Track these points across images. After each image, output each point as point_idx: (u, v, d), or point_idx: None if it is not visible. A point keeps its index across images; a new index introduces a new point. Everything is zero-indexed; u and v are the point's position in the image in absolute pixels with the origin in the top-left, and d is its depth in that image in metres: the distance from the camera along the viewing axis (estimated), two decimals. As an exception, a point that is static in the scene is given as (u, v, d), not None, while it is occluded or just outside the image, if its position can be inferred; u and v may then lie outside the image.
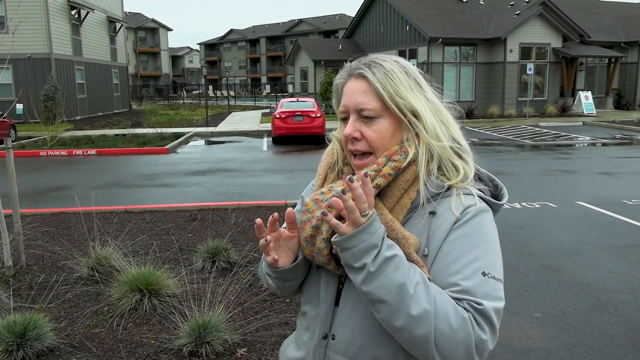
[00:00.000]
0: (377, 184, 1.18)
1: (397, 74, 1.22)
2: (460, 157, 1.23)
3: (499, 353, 3.72)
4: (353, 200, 1.06)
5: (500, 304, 1.11)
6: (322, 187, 1.30)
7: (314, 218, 1.21)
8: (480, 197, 1.20)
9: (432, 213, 1.18)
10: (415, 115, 1.21)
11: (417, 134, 1.22)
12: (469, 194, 1.19)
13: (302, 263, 1.29)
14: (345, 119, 1.26)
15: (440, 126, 1.22)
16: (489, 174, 1.31)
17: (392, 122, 1.22)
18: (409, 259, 1.13)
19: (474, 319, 1.06)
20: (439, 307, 1.05)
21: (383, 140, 1.22)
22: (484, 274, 1.11)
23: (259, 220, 1.23)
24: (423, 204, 1.19)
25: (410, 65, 1.26)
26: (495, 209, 1.23)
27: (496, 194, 1.27)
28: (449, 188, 1.20)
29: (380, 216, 1.17)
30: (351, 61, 1.29)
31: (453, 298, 1.09)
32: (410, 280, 1.06)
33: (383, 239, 1.09)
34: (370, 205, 1.07)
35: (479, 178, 1.28)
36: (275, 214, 1.24)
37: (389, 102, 1.20)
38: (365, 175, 1.07)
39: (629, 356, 3.68)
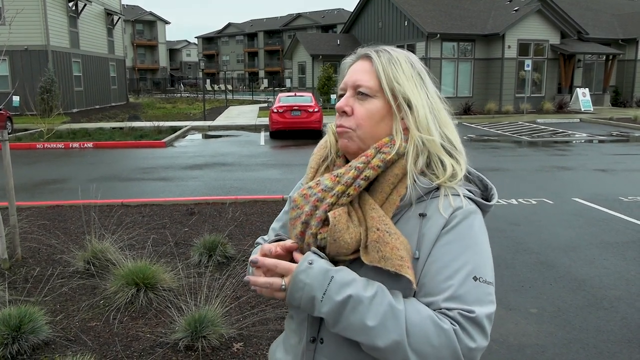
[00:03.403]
0: (366, 175, 1.16)
1: (402, 63, 1.22)
2: (451, 155, 1.20)
3: (495, 349, 3.73)
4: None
5: (492, 308, 1.09)
6: (313, 180, 1.28)
7: (304, 214, 1.20)
8: (470, 198, 1.17)
9: (422, 215, 1.15)
10: (409, 105, 1.19)
11: (406, 128, 1.20)
12: (456, 195, 1.16)
13: None
14: (343, 96, 1.26)
15: (434, 122, 1.20)
16: (479, 174, 1.28)
17: (385, 106, 1.21)
18: (394, 262, 1.09)
19: (463, 328, 1.05)
20: (415, 330, 1.04)
21: (371, 120, 1.20)
22: (475, 278, 1.09)
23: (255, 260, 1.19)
24: (412, 204, 1.17)
25: (417, 61, 1.26)
26: (484, 209, 1.21)
27: (486, 195, 1.25)
28: (438, 188, 1.17)
29: (372, 211, 1.16)
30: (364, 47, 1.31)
31: (443, 308, 1.07)
32: (374, 316, 1.05)
33: (328, 284, 1.07)
34: (285, 272, 1.13)
35: (468, 179, 1.26)
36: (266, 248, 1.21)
37: (385, 85, 1.19)
38: (255, 261, 1.15)
39: (624, 352, 3.70)
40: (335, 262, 1.18)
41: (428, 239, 1.13)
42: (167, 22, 71.58)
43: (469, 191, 1.20)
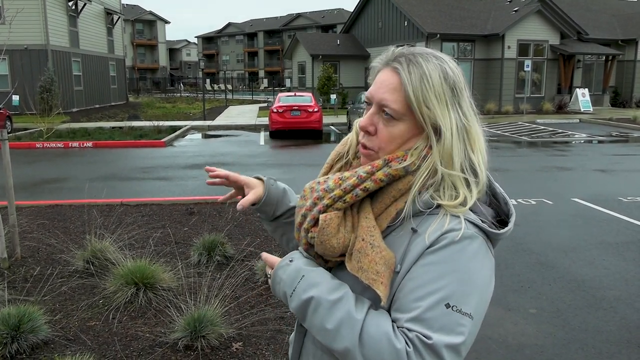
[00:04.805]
0: (365, 187, 1.14)
1: (434, 80, 1.12)
2: (467, 184, 1.13)
3: (494, 349, 3.74)
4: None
5: (458, 339, 1.02)
6: (327, 175, 1.27)
7: (304, 207, 1.21)
8: (474, 223, 1.10)
9: (414, 230, 1.11)
10: (436, 131, 1.13)
11: (430, 146, 1.14)
12: (455, 217, 1.09)
13: (267, 202, 1.46)
14: (369, 104, 1.21)
15: (458, 150, 1.13)
16: (505, 196, 1.21)
17: (411, 129, 1.15)
18: (369, 275, 1.08)
19: (418, 352, 1.01)
20: (370, 342, 1.03)
21: (392, 144, 1.16)
22: (447, 305, 1.03)
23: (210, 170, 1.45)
24: (407, 218, 1.13)
25: (451, 69, 1.16)
26: (492, 237, 1.13)
27: (506, 217, 1.19)
28: (438, 206, 1.11)
29: (365, 220, 1.14)
30: (397, 46, 1.23)
31: (404, 327, 1.04)
32: (332, 320, 1.07)
33: (298, 282, 1.14)
34: (270, 265, 1.23)
35: (494, 196, 1.21)
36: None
37: (416, 108, 1.12)
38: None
39: (623, 353, 3.70)
40: (326, 260, 1.20)
41: (411, 256, 1.09)
42: (167, 22, 71.55)
43: (480, 218, 1.12)
